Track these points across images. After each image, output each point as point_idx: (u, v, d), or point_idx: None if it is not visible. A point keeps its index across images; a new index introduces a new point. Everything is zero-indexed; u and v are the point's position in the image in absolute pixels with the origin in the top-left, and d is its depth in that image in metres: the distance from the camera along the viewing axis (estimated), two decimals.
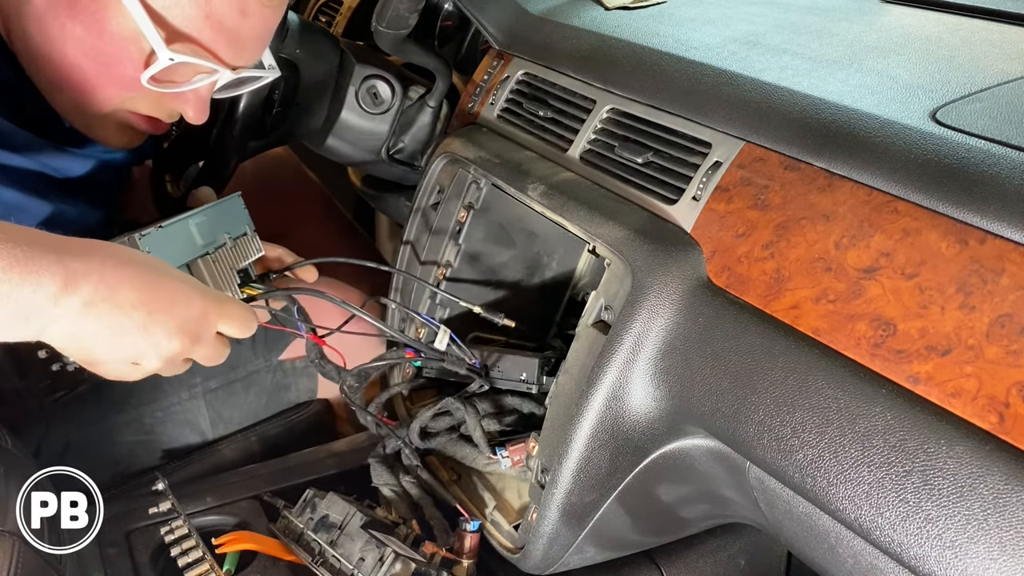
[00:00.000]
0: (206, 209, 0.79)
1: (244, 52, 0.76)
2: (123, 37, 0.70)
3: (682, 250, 0.69)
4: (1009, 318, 0.50)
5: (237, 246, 0.81)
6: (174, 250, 0.74)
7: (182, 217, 0.76)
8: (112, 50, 0.71)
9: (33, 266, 0.54)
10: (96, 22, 0.70)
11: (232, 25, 0.72)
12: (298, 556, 0.79)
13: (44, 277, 0.54)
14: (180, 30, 0.71)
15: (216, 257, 0.78)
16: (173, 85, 0.75)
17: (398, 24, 0.92)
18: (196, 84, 0.75)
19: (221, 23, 0.72)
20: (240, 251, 0.82)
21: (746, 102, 0.70)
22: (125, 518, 0.83)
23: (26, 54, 0.74)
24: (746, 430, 0.62)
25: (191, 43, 0.72)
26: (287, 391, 1.05)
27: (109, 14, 0.69)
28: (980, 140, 0.57)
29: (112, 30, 0.70)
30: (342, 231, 1.39)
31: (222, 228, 0.80)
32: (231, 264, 0.80)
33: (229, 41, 0.73)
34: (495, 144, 0.92)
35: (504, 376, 0.87)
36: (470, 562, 0.80)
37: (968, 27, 0.86)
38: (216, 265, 0.78)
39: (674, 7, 0.97)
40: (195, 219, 0.77)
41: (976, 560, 0.48)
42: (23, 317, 0.54)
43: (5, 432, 0.75)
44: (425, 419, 0.89)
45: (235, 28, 0.73)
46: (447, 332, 0.82)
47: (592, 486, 0.72)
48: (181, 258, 0.75)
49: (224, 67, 0.74)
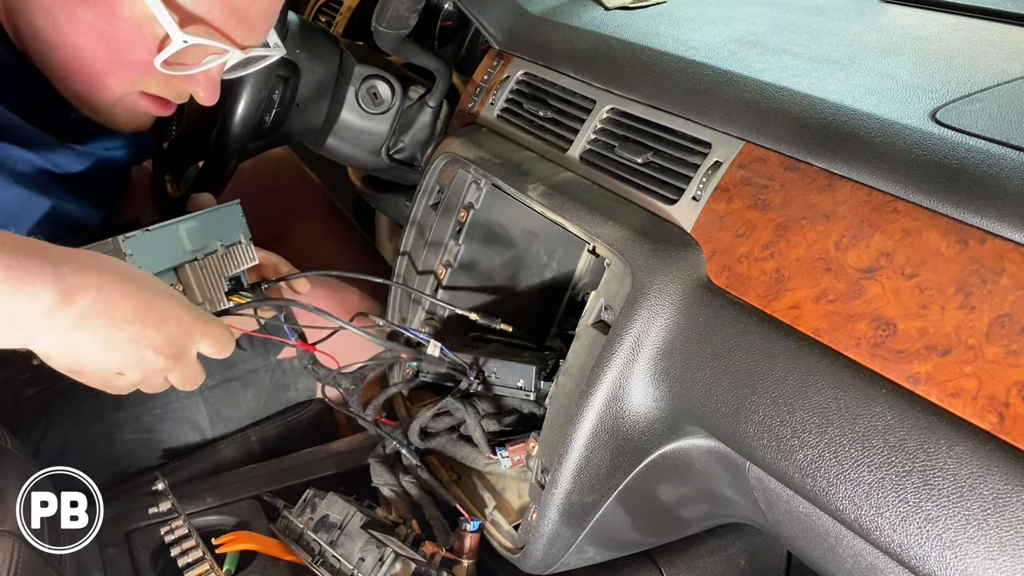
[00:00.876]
0: (200, 215, 0.78)
1: (254, 32, 0.77)
2: (135, 22, 0.71)
3: (682, 250, 0.69)
4: (1009, 318, 0.50)
5: (229, 253, 0.80)
6: (160, 254, 0.73)
7: (172, 222, 0.75)
8: (124, 35, 0.72)
9: (29, 277, 0.54)
10: (108, 8, 0.70)
11: (242, 6, 0.73)
12: (298, 556, 0.79)
13: (40, 289, 0.54)
14: (192, 12, 0.71)
15: (205, 263, 0.77)
16: (185, 67, 0.75)
17: (398, 24, 0.92)
18: (207, 65, 0.76)
19: (231, 4, 0.73)
20: (232, 259, 0.80)
21: (746, 102, 0.70)
22: (125, 518, 0.83)
23: (33, 45, 0.74)
24: (746, 430, 0.62)
25: (203, 25, 0.72)
26: (286, 390, 1.05)
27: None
28: (980, 140, 0.57)
29: (124, 15, 0.70)
30: (342, 231, 1.39)
31: (215, 234, 0.79)
32: (221, 271, 0.79)
33: (239, 21, 0.74)
34: (495, 144, 0.92)
35: (501, 383, 0.87)
36: (470, 562, 0.80)
37: (968, 27, 0.86)
38: (204, 271, 0.77)
39: (674, 7, 0.97)
40: (186, 224, 0.76)
41: (976, 560, 0.48)
42: (15, 327, 0.55)
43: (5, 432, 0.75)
44: (425, 419, 0.89)
45: (245, 8, 0.74)
46: (438, 346, 0.82)
47: (592, 486, 0.72)
48: (166, 262, 0.74)
49: (235, 47, 0.75)
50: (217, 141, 0.97)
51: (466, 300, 0.98)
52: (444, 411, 0.89)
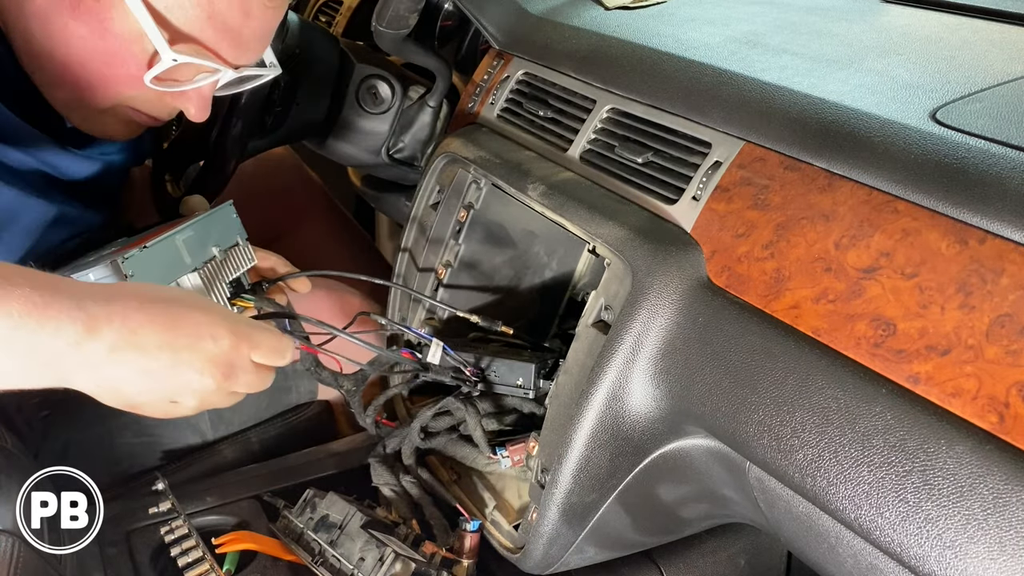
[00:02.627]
0: (194, 223, 0.77)
1: (246, 51, 0.77)
2: (126, 38, 0.70)
3: (682, 250, 0.69)
4: (1009, 318, 0.50)
5: (228, 257, 0.79)
6: (160, 270, 0.71)
7: (168, 235, 0.73)
8: (115, 50, 0.71)
9: (52, 311, 0.52)
10: (99, 23, 0.70)
11: (235, 25, 0.73)
12: (298, 556, 0.79)
13: (64, 323, 0.53)
14: (183, 31, 0.71)
15: (205, 272, 0.76)
16: (176, 84, 0.75)
17: (398, 24, 0.92)
18: (199, 83, 0.75)
19: (224, 23, 0.72)
20: (231, 262, 0.80)
21: (746, 102, 0.70)
22: (125, 518, 0.83)
23: (26, 51, 0.74)
24: (746, 430, 0.62)
25: (194, 43, 0.72)
26: (288, 393, 1.05)
27: (112, 15, 0.69)
28: (980, 140, 0.57)
29: (115, 30, 0.70)
30: (343, 231, 1.39)
31: (212, 240, 0.78)
32: (222, 277, 0.78)
33: (232, 41, 0.74)
34: (495, 144, 0.92)
35: (500, 381, 0.87)
36: (470, 562, 0.80)
37: (968, 27, 0.86)
38: (205, 279, 0.76)
39: (674, 7, 0.97)
40: (183, 235, 0.75)
41: (976, 560, 0.48)
42: (43, 363, 0.53)
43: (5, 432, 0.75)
44: (425, 419, 0.89)
45: (237, 28, 0.73)
46: (440, 345, 0.82)
47: (592, 486, 0.72)
48: (168, 278, 0.73)
49: (226, 66, 0.75)
50: (217, 141, 0.97)
51: (466, 300, 0.98)
52: (444, 411, 0.89)
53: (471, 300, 0.98)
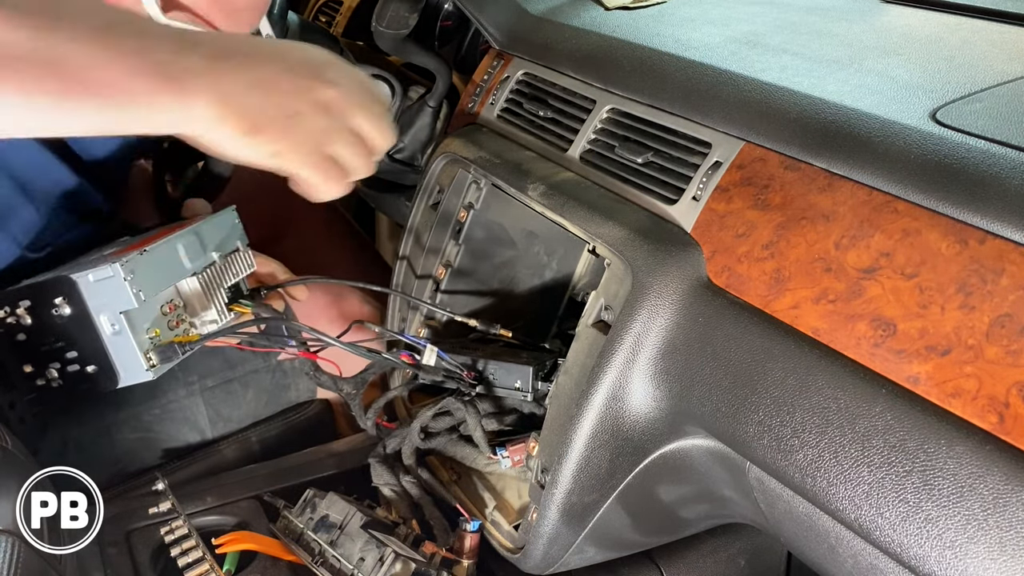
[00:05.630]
0: (196, 226, 0.77)
1: (239, 22, 0.76)
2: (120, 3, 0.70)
3: (682, 250, 0.69)
4: (1009, 318, 0.50)
5: (228, 263, 0.79)
6: (158, 274, 0.71)
7: (168, 239, 0.73)
8: None
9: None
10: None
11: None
12: (298, 556, 0.79)
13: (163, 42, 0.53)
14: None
15: (203, 278, 0.75)
16: None
17: (398, 24, 0.92)
18: None
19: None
20: (231, 268, 0.79)
21: (746, 102, 0.70)
22: (125, 518, 0.83)
23: None
24: (746, 430, 0.62)
25: (187, 12, 0.72)
26: (287, 391, 1.05)
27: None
28: (980, 140, 0.57)
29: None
30: (342, 231, 1.39)
31: (212, 245, 0.77)
32: (220, 282, 0.78)
33: (224, 9, 0.73)
34: (495, 144, 0.92)
35: (498, 383, 0.87)
36: (470, 562, 0.80)
37: (968, 27, 0.86)
38: (203, 284, 0.75)
39: (674, 7, 0.97)
40: (184, 239, 0.74)
41: (976, 560, 0.48)
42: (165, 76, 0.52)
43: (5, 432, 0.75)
44: (425, 419, 0.89)
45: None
46: (434, 350, 0.82)
47: (592, 486, 0.72)
48: (167, 282, 0.72)
49: None
50: None
51: (466, 300, 0.98)
52: (444, 411, 0.89)
53: (471, 300, 0.98)
